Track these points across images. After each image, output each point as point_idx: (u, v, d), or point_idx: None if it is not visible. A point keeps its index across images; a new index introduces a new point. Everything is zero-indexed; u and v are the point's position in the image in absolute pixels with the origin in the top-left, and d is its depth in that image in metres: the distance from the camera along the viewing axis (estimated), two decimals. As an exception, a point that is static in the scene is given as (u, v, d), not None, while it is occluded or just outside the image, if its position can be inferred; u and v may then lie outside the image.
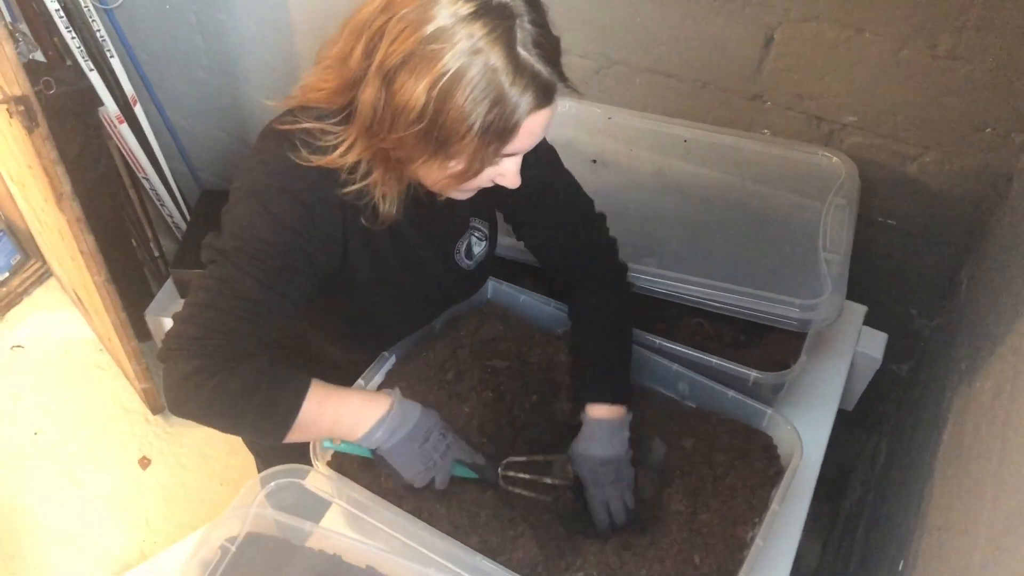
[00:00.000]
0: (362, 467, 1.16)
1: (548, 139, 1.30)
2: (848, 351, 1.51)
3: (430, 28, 0.89)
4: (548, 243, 1.34)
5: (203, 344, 0.98)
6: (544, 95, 0.95)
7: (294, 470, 1.11)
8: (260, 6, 2.22)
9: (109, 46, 2.25)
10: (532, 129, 0.98)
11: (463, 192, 1.10)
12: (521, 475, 1.17)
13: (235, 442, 2.44)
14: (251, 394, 0.99)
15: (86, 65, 2.19)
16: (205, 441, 2.55)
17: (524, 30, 0.92)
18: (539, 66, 0.93)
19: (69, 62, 2.18)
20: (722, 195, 1.56)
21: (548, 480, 1.18)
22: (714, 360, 1.30)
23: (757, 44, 1.57)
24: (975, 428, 1.15)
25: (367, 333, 1.28)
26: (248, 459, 1.70)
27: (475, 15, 0.89)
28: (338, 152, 1.03)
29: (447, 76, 0.90)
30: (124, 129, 2.36)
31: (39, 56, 2.18)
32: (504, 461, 1.18)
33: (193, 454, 2.53)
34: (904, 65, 1.45)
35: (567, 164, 1.31)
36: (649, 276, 1.37)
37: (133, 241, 2.58)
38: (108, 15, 2.29)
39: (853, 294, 1.44)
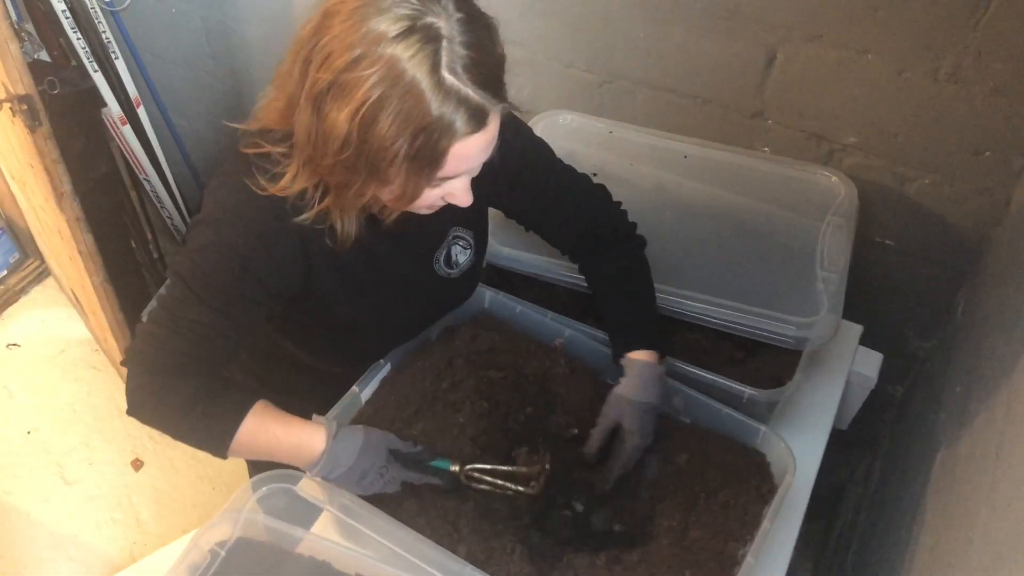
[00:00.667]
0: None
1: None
2: (843, 370, 1.51)
3: (354, 54, 0.86)
4: (561, 231, 1.35)
5: (151, 361, 1.06)
6: (475, 120, 0.91)
7: (286, 475, 1.11)
8: (266, 10, 2.23)
9: (114, 48, 2.26)
10: (466, 154, 0.94)
11: (418, 210, 1.07)
12: (485, 477, 1.16)
13: (228, 446, 2.43)
14: (188, 413, 1.05)
15: (91, 66, 2.20)
16: (198, 444, 2.54)
17: (452, 52, 0.87)
18: (467, 90, 0.89)
19: (74, 63, 2.18)
20: (721, 211, 1.56)
21: (511, 487, 1.15)
22: (709, 376, 1.30)
23: (759, 62, 1.57)
24: (969, 450, 1.15)
25: (354, 347, 1.28)
26: (240, 463, 1.69)
27: (398, 38, 0.86)
28: (287, 180, 1.01)
29: (368, 104, 0.87)
30: (127, 130, 2.36)
31: (44, 56, 2.19)
32: (467, 467, 1.15)
33: (186, 457, 2.52)
34: (905, 87, 1.46)
35: (567, 177, 1.33)
36: (646, 290, 1.37)
37: (132, 242, 2.58)
38: (114, 17, 2.30)
39: (849, 314, 1.45)
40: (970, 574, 0.92)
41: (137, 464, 2.50)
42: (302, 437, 1.08)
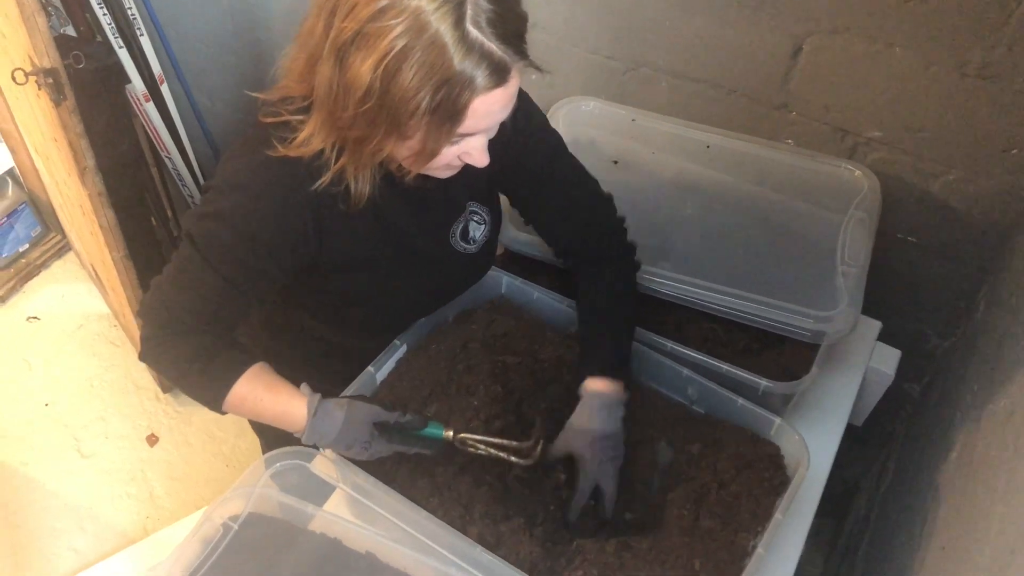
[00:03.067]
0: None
1: (569, 138, 1.30)
2: (860, 366, 1.50)
3: (380, 4, 0.88)
4: (557, 227, 1.34)
5: (160, 315, 1.10)
6: (496, 75, 0.92)
7: (300, 452, 1.12)
8: (291, -8, 2.23)
9: (139, 24, 2.27)
10: (487, 110, 0.95)
11: (436, 171, 1.08)
12: (479, 445, 1.14)
13: (243, 424, 2.45)
14: (188, 369, 1.09)
15: (116, 42, 2.21)
16: (213, 421, 2.56)
17: (477, 6, 0.89)
18: (491, 44, 0.90)
19: (99, 38, 2.19)
20: (742, 202, 1.55)
21: (505, 457, 1.14)
22: (725, 366, 1.29)
23: (786, 54, 1.56)
24: (984, 451, 1.14)
25: (370, 321, 1.29)
26: (255, 440, 1.70)
27: None
28: (303, 137, 1.02)
29: (392, 54, 0.88)
30: (150, 107, 2.37)
31: (70, 30, 2.20)
32: (460, 435, 1.14)
33: (201, 434, 2.55)
34: (932, 82, 1.44)
35: (588, 164, 1.32)
36: (664, 279, 1.37)
37: (153, 219, 2.59)
38: (140, -7, 2.30)
39: (869, 309, 1.43)
40: (983, 573, 0.92)
41: (152, 439, 2.53)
42: (286, 409, 1.10)
